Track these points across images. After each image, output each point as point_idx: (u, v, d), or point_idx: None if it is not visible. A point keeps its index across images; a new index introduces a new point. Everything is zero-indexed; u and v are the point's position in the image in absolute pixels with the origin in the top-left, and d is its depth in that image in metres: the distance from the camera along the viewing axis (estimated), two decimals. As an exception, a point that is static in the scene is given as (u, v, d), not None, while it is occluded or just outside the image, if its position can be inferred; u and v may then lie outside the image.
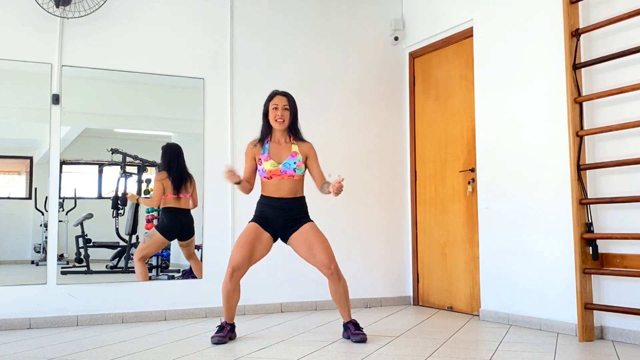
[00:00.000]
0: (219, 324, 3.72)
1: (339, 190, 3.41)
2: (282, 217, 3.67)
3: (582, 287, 3.62)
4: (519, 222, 4.23)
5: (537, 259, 4.08)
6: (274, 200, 3.67)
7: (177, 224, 4.76)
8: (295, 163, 3.66)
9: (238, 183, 3.64)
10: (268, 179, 3.67)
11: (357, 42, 5.43)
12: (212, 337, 3.59)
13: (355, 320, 3.69)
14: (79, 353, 3.31)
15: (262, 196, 3.74)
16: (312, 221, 3.73)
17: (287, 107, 3.70)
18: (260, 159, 3.68)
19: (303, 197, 3.75)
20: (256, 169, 3.74)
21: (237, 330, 4.00)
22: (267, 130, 3.74)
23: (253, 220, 3.71)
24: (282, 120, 3.67)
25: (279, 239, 3.76)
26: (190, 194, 4.77)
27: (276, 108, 3.68)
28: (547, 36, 4.08)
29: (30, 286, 4.25)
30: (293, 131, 3.75)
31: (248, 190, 3.75)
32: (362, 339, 3.57)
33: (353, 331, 3.62)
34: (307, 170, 3.77)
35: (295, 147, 3.70)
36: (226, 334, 3.62)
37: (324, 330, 4.01)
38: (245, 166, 3.76)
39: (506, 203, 4.35)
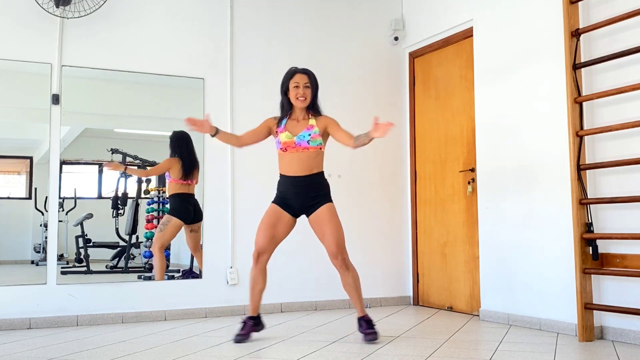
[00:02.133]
0: (242, 320, 3.72)
1: (384, 131, 3.25)
2: (300, 196, 3.63)
3: (582, 287, 3.62)
4: (519, 222, 4.23)
5: (537, 259, 4.08)
6: (291, 180, 3.64)
7: (189, 207, 4.78)
8: (309, 135, 3.62)
9: (213, 135, 3.58)
10: (283, 150, 3.65)
11: (357, 42, 5.43)
12: (234, 336, 3.63)
13: (368, 317, 3.63)
14: (79, 353, 3.31)
15: (280, 176, 3.72)
16: (331, 202, 3.67)
17: (309, 84, 3.69)
18: (277, 132, 3.68)
19: (321, 174, 3.69)
20: (263, 137, 3.75)
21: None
22: (287, 107, 3.72)
23: (274, 201, 3.71)
24: (304, 99, 3.66)
25: (304, 215, 3.72)
26: (197, 181, 4.80)
27: (297, 86, 3.66)
28: (547, 36, 4.08)
29: (30, 286, 4.25)
30: (312, 108, 3.73)
31: (236, 143, 3.71)
32: (372, 339, 3.55)
33: (365, 329, 3.59)
34: (328, 139, 3.74)
35: (312, 121, 3.68)
36: (248, 331, 3.64)
37: (324, 330, 4.01)
38: (253, 130, 3.74)
39: (506, 203, 4.35)
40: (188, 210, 4.78)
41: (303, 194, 3.63)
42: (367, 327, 3.60)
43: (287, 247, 4.85)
